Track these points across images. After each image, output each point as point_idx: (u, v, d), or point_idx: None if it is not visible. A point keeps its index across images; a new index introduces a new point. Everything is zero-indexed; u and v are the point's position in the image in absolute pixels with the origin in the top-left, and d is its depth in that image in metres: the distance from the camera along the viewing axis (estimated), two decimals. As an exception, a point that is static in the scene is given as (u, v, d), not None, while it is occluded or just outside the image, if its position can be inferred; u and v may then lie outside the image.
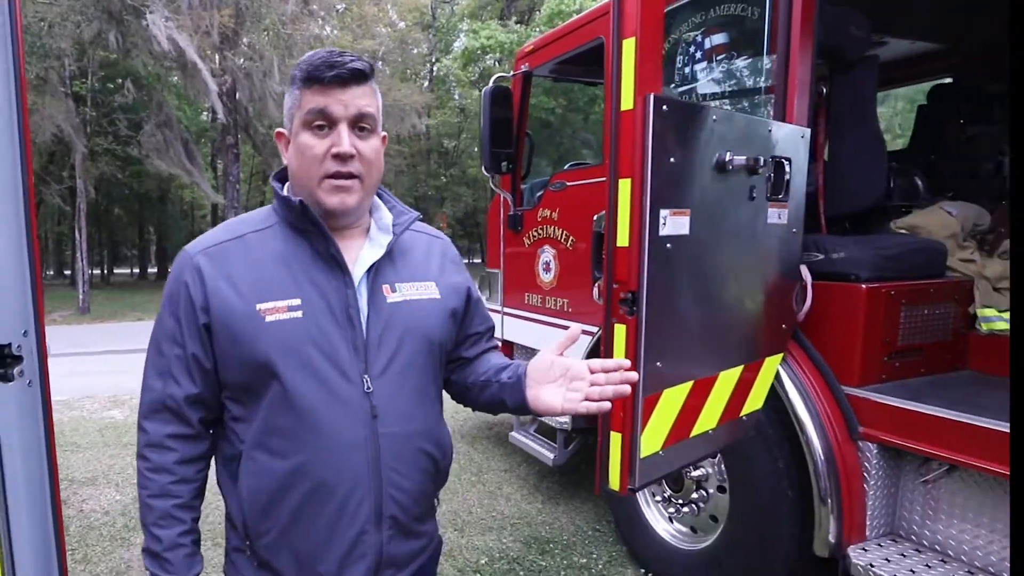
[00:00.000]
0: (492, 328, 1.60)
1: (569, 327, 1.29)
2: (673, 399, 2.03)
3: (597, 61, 3.82)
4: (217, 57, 17.88)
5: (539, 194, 4.35)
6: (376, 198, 1.40)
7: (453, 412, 6.84)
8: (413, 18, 28.06)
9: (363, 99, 1.24)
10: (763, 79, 2.69)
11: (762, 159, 2.16)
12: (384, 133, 1.35)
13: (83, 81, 18.71)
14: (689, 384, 2.09)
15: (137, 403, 1.34)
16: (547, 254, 4.20)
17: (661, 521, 3.50)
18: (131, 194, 28.30)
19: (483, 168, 4.35)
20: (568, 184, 4.05)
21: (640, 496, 3.62)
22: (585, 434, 4.18)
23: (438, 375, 1.42)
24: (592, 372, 1.27)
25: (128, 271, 38.57)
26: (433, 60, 33.58)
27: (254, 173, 32.84)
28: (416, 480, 1.32)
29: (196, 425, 1.31)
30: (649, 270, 1.83)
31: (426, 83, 33.20)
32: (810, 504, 2.54)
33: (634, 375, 1.26)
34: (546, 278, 4.24)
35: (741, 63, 2.79)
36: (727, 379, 2.27)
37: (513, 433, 4.74)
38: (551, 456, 4.27)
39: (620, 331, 1.86)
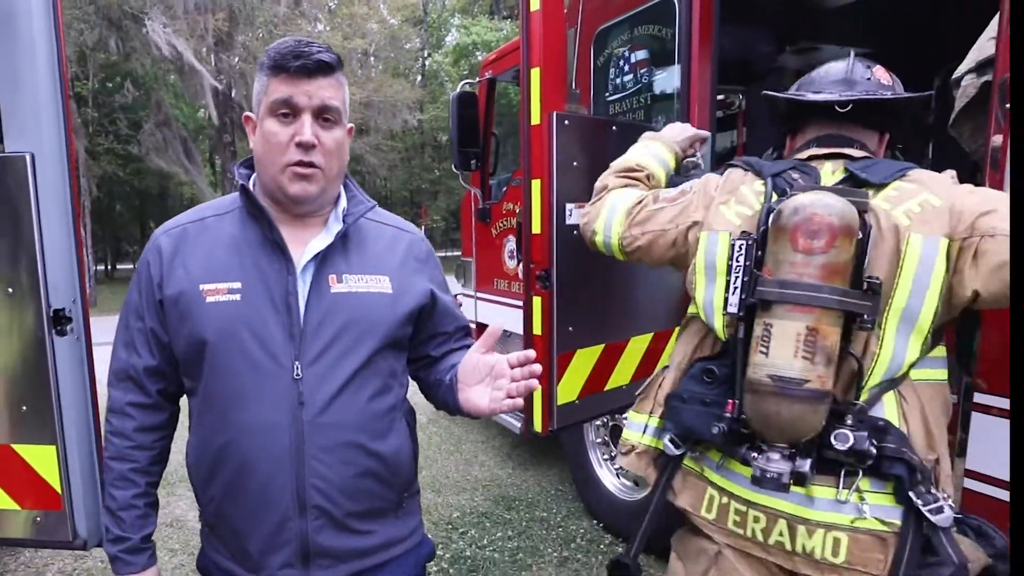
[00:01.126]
0: (463, 328, 1.59)
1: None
2: (586, 358, 2.50)
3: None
4: (212, 58, 18.32)
5: (504, 189, 4.81)
6: (341, 187, 1.42)
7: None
8: (404, 15, 28.37)
9: (328, 90, 1.26)
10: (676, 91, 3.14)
11: (660, 160, 2.62)
12: (350, 125, 1.38)
13: (84, 82, 19.14)
14: (600, 346, 2.56)
15: None
16: (511, 243, 4.66)
17: (610, 477, 3.99)
18: (132, 191, 28.67)
19: (453, 166, 4.81)
20: (527, 180, 4.51)
21: (593, 458, 4.11)
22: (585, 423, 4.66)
23: (387, 372, 1.40)
24: (511, 367, 1.31)
25: (131, 266, 38.95)
26: (425, 55, 33.89)
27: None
28: (344, 474, 1.31)
29: (155, 395, 1.38)
30: (558, 252, 2.30)
31: (419, 78, 33.48)
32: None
33: (538, 368, 1.30)
34: (511, 265, 4.70)
35: (659, 76, 3.24)
36: (638, 344, 2.74)
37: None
38: (518, 425, 4.75)
39: (537, 302, 2.33)
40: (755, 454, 1.40)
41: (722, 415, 1.46)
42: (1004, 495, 1.80)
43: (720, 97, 4.36)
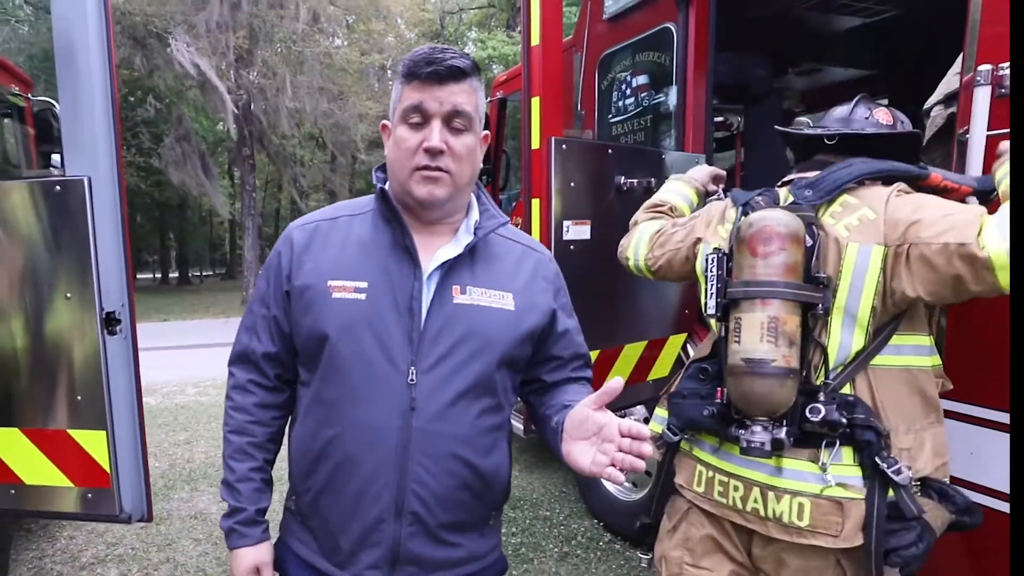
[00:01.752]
0: (580, 356, 1.55)
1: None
2: (583, 361, 2.70)
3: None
4: (233, 74, 18.78)
5: (513, 204, 5.03)
6: (473, 198, 1.43)
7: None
8: (421, 30, 28.73)
9: (459, 96, 1.26)
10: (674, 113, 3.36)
11: (654, 180, 2.84)
12: (486, 132, 1.38)
13: (108, 97, 19.57)
14: (595, 352, 2.76)
15: (164, 393, 1.85)
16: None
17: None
18: (152, 203, 29.23)
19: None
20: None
21: (596, 461, 4.29)
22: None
23: (499, 390, 1.38)
24: (621, 435, 1.18)
25: (151, 276, 39.66)
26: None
27: (269, 181, 33.73)
28: (445, 484, 1.31)
29: (273, 379, 1.43)
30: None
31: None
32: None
33: (647, 449, 1.16)
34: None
35: (658, 99, 3.45)
36: (632, 351, 2.94)
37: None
38: (523, 428, 4.94)
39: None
40: (742, 430, 1.63)
41: (713, 402, 1.72)
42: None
43: (719, 119, 4.58)
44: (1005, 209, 1.45)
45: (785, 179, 1.88)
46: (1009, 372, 1.79)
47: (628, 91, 3.66)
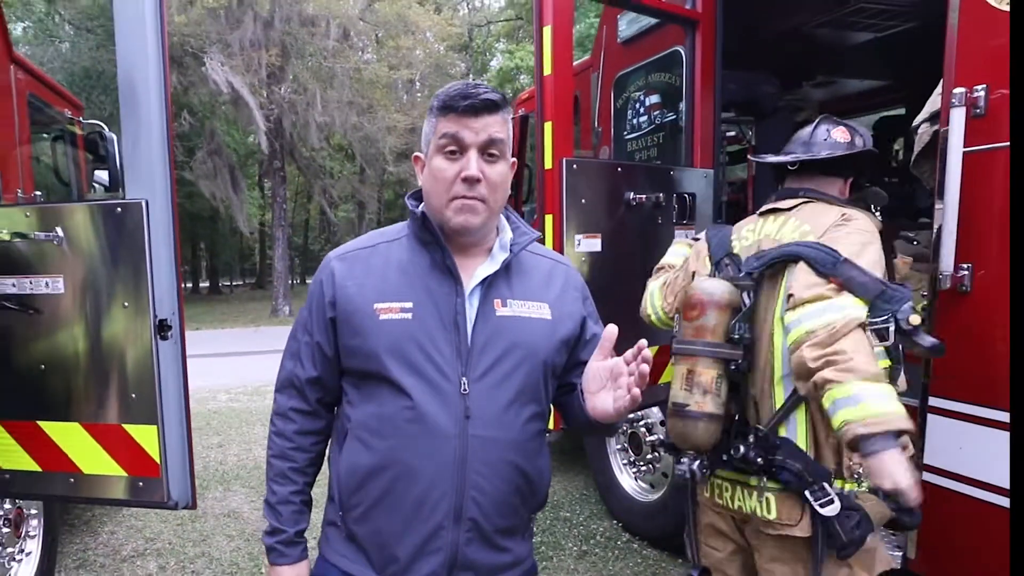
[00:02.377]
0: None
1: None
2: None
3: (574, 108, 4.72)
4: (265, 90, 19.29)
5: (535, 216, 5.20)
6: (503, 218, 1.49)
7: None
8: (449, 43, 29.06)
9: (493, 127, 1.33)
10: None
11: (662, 195, 3.01)
12: (513, 159, 1.44)
13: (144, 112, 20.18)
14: (607, 357, 2.93)
15: (198, 399, 2.00)
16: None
17: (628, 480, 4.32)
18: (184, 214, 29.90)
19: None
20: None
21: (614, 463, 4.45)
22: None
23: (542, 396, 1.44)
24: (628, 364, 1.27)
25: (181, 284, 40.39)
26: (470, 80, 34.53)
27: (298, 192, 34.31)
28: (500, 489, 1.36)
29: (314, 404, 1.49)
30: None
31: (465, 102, 34.04)
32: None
33: (648, 352, 1.24)
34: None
35: (669, 118, 3.62)
36: (642, 356, 3.09)
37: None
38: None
39: (549, 317, 2.72)
40: (678, 462, 1.97)
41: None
42: (954, 485, 2.15)
43: (731, 133, 4.73)
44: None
45: (764, 208, 2.11)
46: (992, 370, 1.98)
47: (642, 109, 3.83)
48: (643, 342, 1.25)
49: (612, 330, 1.31)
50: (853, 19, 4.28)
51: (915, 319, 1.71)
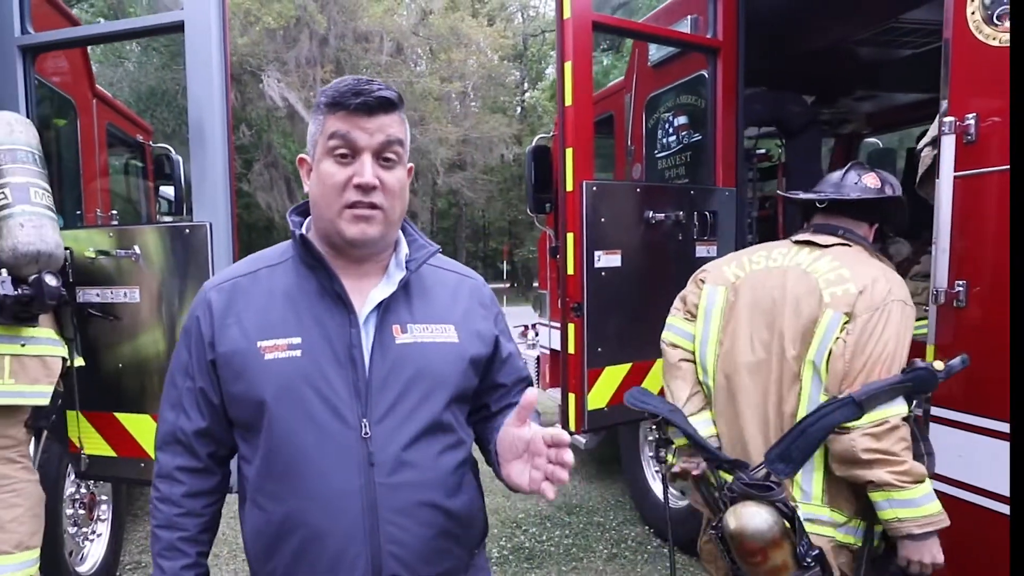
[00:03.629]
0: (523, 379, 1.49)
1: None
2: (614, 373, 3.07)
3: (610, 127, 4.93)
4: (320, 105, 20.06)
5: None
6: (400, 232, 1.33)
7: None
8: (503, 53, 29.41)
9: (390, 128, 1.19)
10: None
11: (682, 213, 3.19)
12: (411, 164, 1.30)
13: (206, 127, 21.18)
14: (628, 365, 3.12)
15: None
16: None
17: (660, 488, 4.47)
18: (241, 224, 30.92)
19: (528, 209, 5.46)
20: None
21: (647, 471, 4.61)
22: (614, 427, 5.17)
23: (454, 423, 1.30)
24: (548, 446, 1.12)
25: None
26: (524, 91, 34.93)
27: (353, 203, 35.09)
28: (421, 536, 1.21)
29: (205, 459, 1.30)
30: (588, 288, 2.90)
31: (519, 110, 34.46)
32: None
33: (568, 456, 1.11)
34: (575, 297, 5.29)
35: (696, 138, 3.80)
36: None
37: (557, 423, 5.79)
38: (583, 441, 5.28)
39: (571, 328, 2.93)
40: None
41: None
42: (956, 492, 2.25)
43: (761, 151, 4.86)
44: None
45: (799, 238, 2.18)
46: (989, 382, 2.10)
47: (671, 130, 4.02)
48: (562, 435, 1.10)
49: (530, 396, 1.14)
50: (887, 38, 4.37)
51: (938, 365, 1.88)
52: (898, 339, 1.89)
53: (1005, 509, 2.09)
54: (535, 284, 10.22)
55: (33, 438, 2.56)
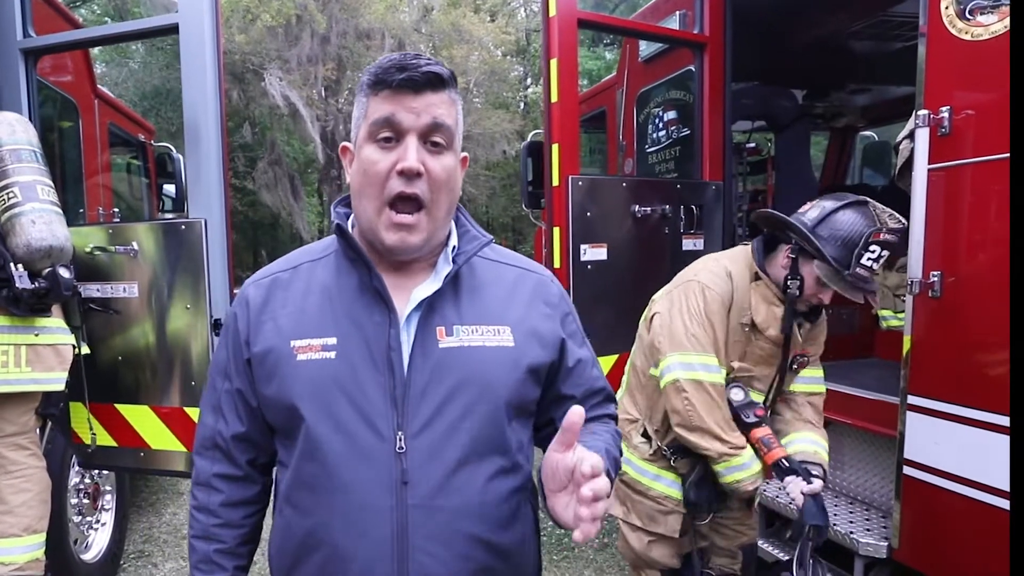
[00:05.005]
0: (598, 392, 1.32)
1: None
2: (603, 365, 3.13)
3: (603, 122, 5.00)
4: (322, 104, 20.14)
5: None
6: (452, 223, 1.19)
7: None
8: (506, 48, 29.32)
9: (438, 108, 1.06)
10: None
11: (668, 207, 3.25)
12: (465, 154, 1.17)
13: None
14: (615, 357, 3.19)
15: None
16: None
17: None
18: (246, 221, 31.08)
19: (523, 205, 5.51)
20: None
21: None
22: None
23: (510, 444, 1.14)
24: (585, 478, 0.94)
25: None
26: (526, 86, 34.83)
27: (356, 199, 35.15)
28: (457, 571, 1.08)
29: (244, 466, 1.21)
30: (574, 282, 2.97)
31: (522, 106, 34.39)
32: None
33: (602, 486, 0.92)
34: (571, 291, 5.36)
35: (685, 132, 3.85)
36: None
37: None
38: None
39: (559, 320, 2.99)
40: None
41: None
42: (932, 479, 2.31)
43: (751, 145, 4.92)
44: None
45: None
46: (965, 370, 2.15)
47: (661, 124, 4.08)
48: (597, 463, 0.92)
49: (576, 414, 0.95)
50: (876, 31, 4.42)
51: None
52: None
53: (981, 496, 2.15)
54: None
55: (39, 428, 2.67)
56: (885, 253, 2.08)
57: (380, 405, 1.07)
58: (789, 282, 2.13)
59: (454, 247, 1.18)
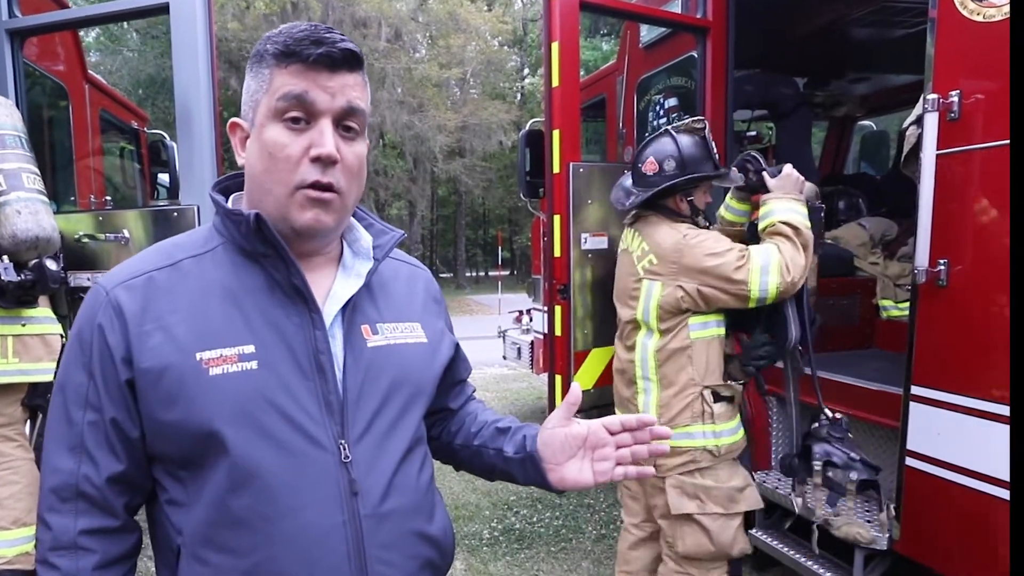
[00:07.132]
0: (470, 371, 1.37)
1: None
2: (600, 356, 3.09)
3: (602, 109, 4.94)
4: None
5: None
6: (351, 216, 1.10)
7: (511, 398, 8.00)
8: (503, 39, 29.26)
9: (353, 90, 0.97)
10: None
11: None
12: (366, 141, 1.07)
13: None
14: (612, 347, 3.14)
15: None
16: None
17: (650, 469, 4.53)
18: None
19: (521, 194, 5.47)
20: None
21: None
22: (600, 408, 5.24)
23: (423, 432, 1.14)
24: (613, 433, 1.07)
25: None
26: (523, 76, 34.77)
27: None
28: (408, 570, 1.04)
29: (122, 514, 1.01)
30: (574, 271, 2.92)
31: (519, 96, 34.33)
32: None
33: (665, 430, 1.07)
34: (568, 281, 5.32)
35: (686, 119, 3.79)
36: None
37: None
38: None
39: (558, 310, 2.95)
40: None
41: None
42: (934, 470, 2.28)
43: (752, 133, 4.87)
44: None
45: None
46: (970, 360, 2.12)
47: (662, 111, 4.02)
48: (647, 418, 1.08)
49: (574, 395, 1.07)
50: (878, 18, 4.37)
51: None
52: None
53: (983, 486, 2.12)
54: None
55: (28, 419, 2.60)
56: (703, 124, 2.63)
57: (316, 414, 0.98)
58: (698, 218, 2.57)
59: (369, 241, 1.12)
